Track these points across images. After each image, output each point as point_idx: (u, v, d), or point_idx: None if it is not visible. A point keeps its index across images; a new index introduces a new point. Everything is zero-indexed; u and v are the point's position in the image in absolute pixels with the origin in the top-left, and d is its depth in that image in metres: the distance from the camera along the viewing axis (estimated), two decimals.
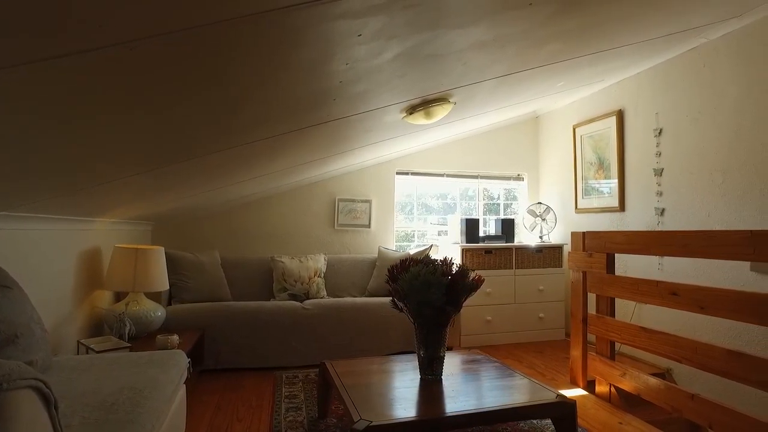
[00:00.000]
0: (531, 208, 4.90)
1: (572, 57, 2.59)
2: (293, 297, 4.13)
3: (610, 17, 2.05)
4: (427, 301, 2.17)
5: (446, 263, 2.31)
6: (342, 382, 2.37)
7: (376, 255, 4.65)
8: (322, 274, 4.36)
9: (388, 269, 2.42)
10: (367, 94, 2.06)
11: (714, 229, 3.31)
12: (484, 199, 5.42)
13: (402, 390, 2.31)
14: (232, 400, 3.00)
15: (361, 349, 3.78)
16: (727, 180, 3.25)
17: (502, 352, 4.23)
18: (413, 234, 5.23)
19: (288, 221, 4.81)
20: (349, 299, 4.03)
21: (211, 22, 1.04)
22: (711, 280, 3.26)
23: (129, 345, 2.62)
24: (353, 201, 4.92)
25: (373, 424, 1.88)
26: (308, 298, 4.12)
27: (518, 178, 5.41)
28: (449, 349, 3.73)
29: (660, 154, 3.79)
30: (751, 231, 2.11)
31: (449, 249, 4.64)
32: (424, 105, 2.66)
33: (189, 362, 2.29)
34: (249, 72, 1.44)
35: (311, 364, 3.67)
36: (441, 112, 2.71)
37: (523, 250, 4.55)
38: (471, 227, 4.62)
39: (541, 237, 4.83)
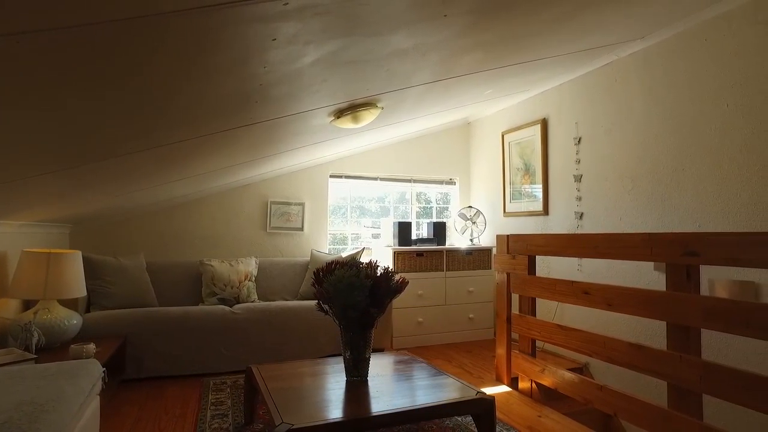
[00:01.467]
0: (462, 211, 5.05)
1: (494, 67, 2.70)
2: (223, 301, 4.04)
3: (524, 32, 2.16)
4: (351, 303, 2.19)
5: (371, 266, 2.34)
6: (267, 386, 2.35)
7: (309, 258, 4.63)
8: (254, 278, 4.29)
9: (314, 272, 2.42)
10: (290, 97, 2.06)
11: (625, 231, 3.55)
12: (418, 203, 5.52)
13: (327, 392, 2.32)
14: (155, 410, 2.89)
15: (292, 353, 3.75)
16: (636, 187, 3.50)
17: (433, 352, 4.32)
18: (347, 237, 5.25)
19: (219, 224, 4.69)
20: (280, 303, 3.98)
21: (113, 19, 1.02)
22: (622, 280, 3.50)
23: (35, 357, 2.46)
24: (286, 204, 4.88)
25: (295, 427, 1.88)
26: (238, 303, 4.04)
27: (450, 182, 5.56)
28: (381, 350, 3.79)
29: (579, 161, 4.02)
30: (648, 234, 2.29)
31: (382, 252, 4.70)
32: (351, 109, 2.68)
33: (104, 372, 2.19)
34: (166, 71, 1.41)
35: (240, 369, 3.60)
36: (369, 116, 2.75)
37: (453, 252, 4.68)
38: (403, 230, 4.70)
39: (471, 240, 4.98)
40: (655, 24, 3.04)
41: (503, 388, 3.37)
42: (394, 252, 4.49)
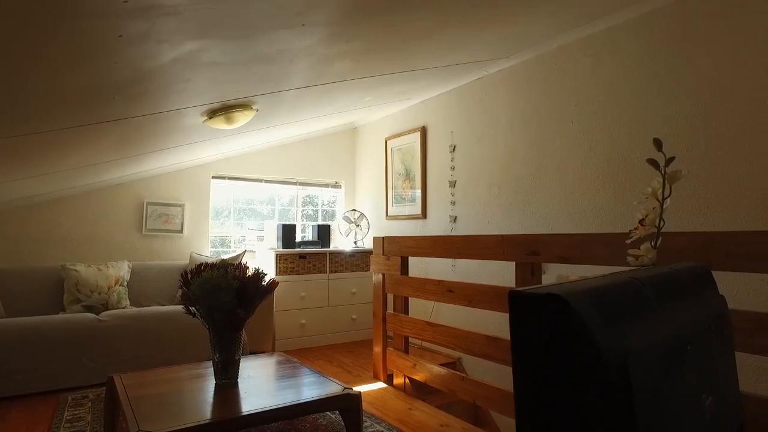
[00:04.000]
0: (346, 214, 5.16)
1: (365, 76, 2.82)
2: (89, 309, 3.75)
3: (389, 46, 2.29)
4: (217, 305, 2.17)
5: (239, 267, 2.34)
6: (128, 394, 2.24)
7: (188, 261, 4.46)
8: (125, 283, 4.04)
9: (181, 274, 2.36)
10: (154, 95, 2.00)
11: (492, 234, 3.85)
12: (303, 206, 5.54)
13: (193, 397, 2.27)
14: None
15: (167, 360, 3.58)
16: (502, 193, 3.83)
17: (315, 353, 4.37)
18: (230, 240, 5.13)
19: (86, 226, 4.35)
20: (154, 308, 3.80)
21: None
22: (491, 278, 3.79)
23: None
24: (164, 205, 4.65)
25: None
26: (107, 310, 3.78)
27: (336, 185, 5.65)
28: (261, 353, 3.75)
29: (454, 168, 4.30)
30: (501, 236, 2.53)
31: (266, 254, 4.66)
32: (224, 110, 2.65)
33: None
34: None
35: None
36: (243, 118, 2.74)
37: (337, 254, 4.77)
38: (287, 233, 4.69)
39: (355, 242, 5.11)
40: (515, 46, 3.36)
41: (379, 385, 3.51)
42: (277, 254, 4.48)
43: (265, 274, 2.45)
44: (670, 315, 0.86)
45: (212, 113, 2.64)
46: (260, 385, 2.46)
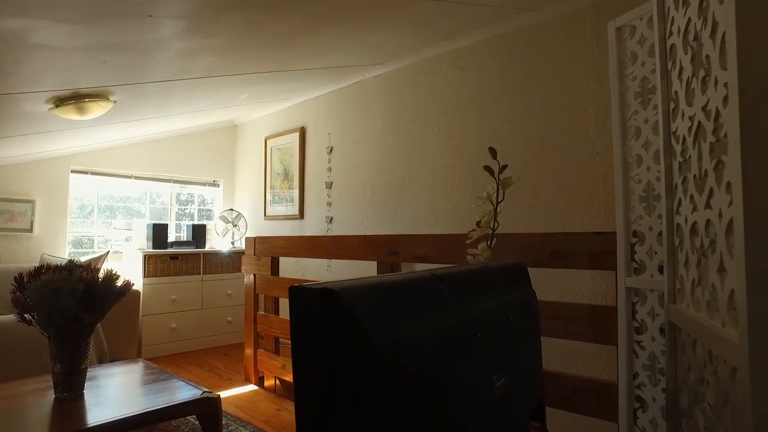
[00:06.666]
0: (223, 214, 5.00)
1: (235, 73, 2.77)
2: None
3: (253, 45, 2.27)
4: (59, 310, 2.00)
5: (88, 269, 2.17)
6: None
7: (38, 263, 4.03)
8: None
9: (15, 278, 2.13)
10: None
11: (366, 234, 3.96)
12: (183, 204, 5.27)
13: (22, 415, 2.07)
14: None
15: (3, 377, 3.21)
16: (375, 194, 3.94)
17: (188, 358, 4.18)
18: (93, 240, 4.72)
19: None
20: None
21: None
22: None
23: None
24: (8, 200, 4.16)
25: None
26: None
27: (214, 184, 5.45)
28: (122, 359, 3.51)
29: (331, 169, 4.35)
30: (365, 236, 2.62)
31: (134, 255, 4.36)
32: (76, 99, 2.45)
33: None
34: None
35: None
36: (98, 109, 2.55)
37: (211, 255, 4.60)
38: (159, 232, 4.44)
39: (233, 243, 4.96)
40: (389, 54, 3.49)
41: (250, 387, 3.45)
42: (145, 255, 4.22)
43: (118, 276, 2.30)
44: (464, 307, 0.97)
45: (59, 101, 2.43)
46: (110, 395, 2.30)
